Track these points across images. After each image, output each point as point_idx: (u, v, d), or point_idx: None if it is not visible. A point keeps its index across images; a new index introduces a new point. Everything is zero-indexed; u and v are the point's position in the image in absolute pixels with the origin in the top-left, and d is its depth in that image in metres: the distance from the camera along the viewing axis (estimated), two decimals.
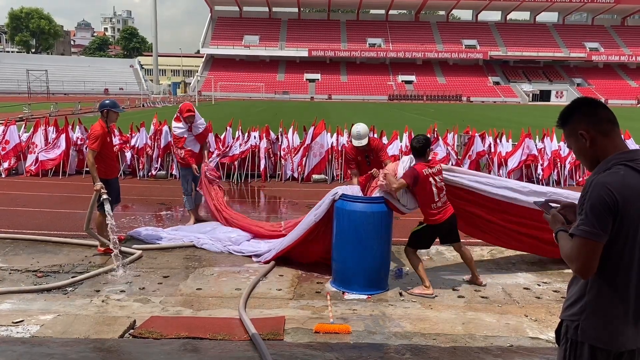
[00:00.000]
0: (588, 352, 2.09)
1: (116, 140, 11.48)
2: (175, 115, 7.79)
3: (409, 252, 5.37)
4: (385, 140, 11.82)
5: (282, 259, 6.11)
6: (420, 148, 5.25)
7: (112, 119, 6.51)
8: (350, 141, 6.28)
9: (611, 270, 2.04)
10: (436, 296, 5.25)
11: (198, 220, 7.84)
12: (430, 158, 5.37)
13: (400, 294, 5.27)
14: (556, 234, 2.16)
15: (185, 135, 7.65)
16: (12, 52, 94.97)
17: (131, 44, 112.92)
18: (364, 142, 6.05)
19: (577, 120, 2.14)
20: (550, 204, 2.34)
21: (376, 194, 5.48)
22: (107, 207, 6.19)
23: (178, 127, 7.69)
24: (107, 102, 6.58)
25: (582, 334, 2.10)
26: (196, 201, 7.97)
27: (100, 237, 6.34)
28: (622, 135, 8.74)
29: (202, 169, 7.54)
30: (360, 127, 6.07)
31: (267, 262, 6.08)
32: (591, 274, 2.04)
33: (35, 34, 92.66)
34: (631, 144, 11.09)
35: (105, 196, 6.19)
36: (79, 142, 11.80)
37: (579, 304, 2.12)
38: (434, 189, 5.19)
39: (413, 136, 5.44)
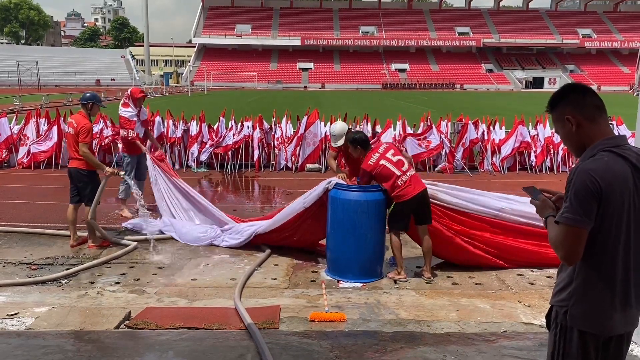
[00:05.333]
0: (577, 337, 2.12)
1: (108, 132, 11.45)
2: (123, 102, 7.70)
3: (392, 235, 5.35)
4: (379, 129, 11.83)
5: (277, 249, 6.13)
6: (363, 138, 5.49)
7: (95, 112, 6.48)
8: None
9: (597, 256, 2.05)
10: (407, 280, 5.29)
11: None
12: (371, 146, 5.52)
13: (395, 282, 5.29)
14: (545, 219, 2.18)
15: (135, 119, 7.60)
16: (1, 43, 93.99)
17: (122, 34, 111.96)
18: (340, 142, 5.78)
19: (565, 105, 2.15)
20: (543, 193, 2.34)
21: None
22: (130, 182, 6.70)
23: (127, 111, 7.60)
24: (89, 95, 6.48)
25: (571, 319, 2.12)
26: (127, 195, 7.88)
27: (100, 229, 6.36)
28: (615, 122, 8.75)
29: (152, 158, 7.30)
30: (335, 128, 5.84)
31: (253, 242, 6.23)
32: (576, 260, 2.06)
33: (25, 24, 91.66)
34: (624, 131, 11.14)
35: (122, 173, 6.64)
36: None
37: (567, 290, 2.14)
38: (391, 166, 5.16)
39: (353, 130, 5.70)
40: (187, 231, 6.62)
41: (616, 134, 2.16)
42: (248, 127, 11.65)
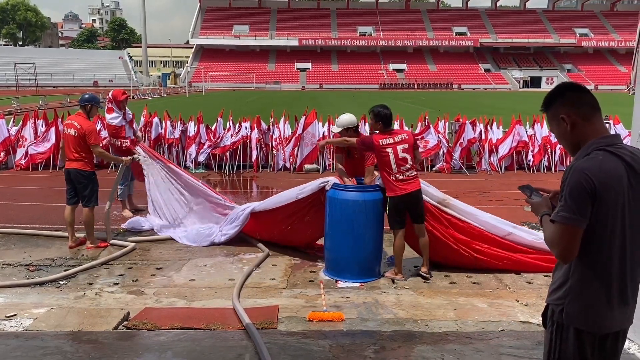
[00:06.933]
0: (573, 335, 2.13)
1: (105, 133, 11.43)
2: (107, 107, 7.62)
3: (395, 234, 5.33)
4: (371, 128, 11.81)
5: (276, 249, 6.14)
6: (389, 116, 5.26)
7: (93, 113, 6.49)
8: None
9: (592, 254, 2.07)
10: (405, 279, 5.31)
11: (135, 210, 7.92)
12: (392, 129, 5.33)
13: (393, 281, 5.31)
14: (541, 217, 2.19)
15: (123, 124, 7.57)
16: None
17: (120, 35, 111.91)
18: (335, 129, 5.85)
19: (559, 104, 2.16)
20: (539, 191, 2.35)
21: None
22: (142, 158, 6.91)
23: (114, 118, 7.53)
24: (88, 96, 6.49)
25: (566, 317, 2.13)
26: (130, 190, 7.97)
27: (109, 226, 6.46)
28: (612, 121, 8.72)
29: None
30: (342, 115, 5.86)
31: (247, 231, 6.37)
32: (572, 258, 2.07)
33: (22, 26, 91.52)
34: (620, 129, 11.17)
35: (136, 155, 6.89)
36: None
37: (563, 288, 2.15)
38: (392, 159, 5.12)
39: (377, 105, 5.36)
40: (186, 231, 6.63)
41: (613, 132, 2.18)
42: (246, 128, 11.66)
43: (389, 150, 5.13)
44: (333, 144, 5.75)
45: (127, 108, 7.81)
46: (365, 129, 11.61)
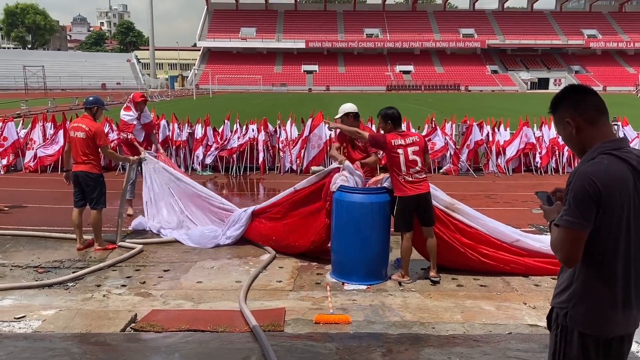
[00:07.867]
0: (578, 339, 2.12)
1: (113, 135, 11.50)
2: (125, 105, 8.12)
3: (402, 236, 5.32)
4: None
5: (282, 252, 6.15)
6: (398, 116, 5.34)
7: (99, 115, 6.55)
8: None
9: (597, 258, 2.06)
10: (411, 282, 5.31)
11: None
12: (403, 130, 5.40)
13: (400, 284, 5.30)
14: (550, 223, 2.18)
15: (134, 123, 7.91)
16: (8, 48, 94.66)
17: (128, 38, 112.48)
18: (337, 115, 6.01)
19: (565, 107, 2.15)
20: (553, 196, 2.32)
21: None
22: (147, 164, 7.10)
23: (127, 115, 7.99)
24: (92, 99, 6.54)
25: (571, 321, 2.12)
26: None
27: (120, 227, 6.54)
28: (620, 123, 8.64)
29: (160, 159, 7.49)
30: (347, 104, 6.05)
31: (251, 236, 6.44)
32: (575, 263, 2.06)
33: (31, 29, 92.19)
34: (629, 131, 11.09)
35: (142, 155, 7.09)
36: None
37: (568, 291, 2.14)
38: (402, 160, 5.12)
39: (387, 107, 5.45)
40: (188, 234, 6.66)
41: (621, 135, 2.17)
42: (253, 130, 11.69)
43: (400, 151, 5.15)
44: (344, 131, 5.75)
45: (147, 110, 8.18)
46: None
